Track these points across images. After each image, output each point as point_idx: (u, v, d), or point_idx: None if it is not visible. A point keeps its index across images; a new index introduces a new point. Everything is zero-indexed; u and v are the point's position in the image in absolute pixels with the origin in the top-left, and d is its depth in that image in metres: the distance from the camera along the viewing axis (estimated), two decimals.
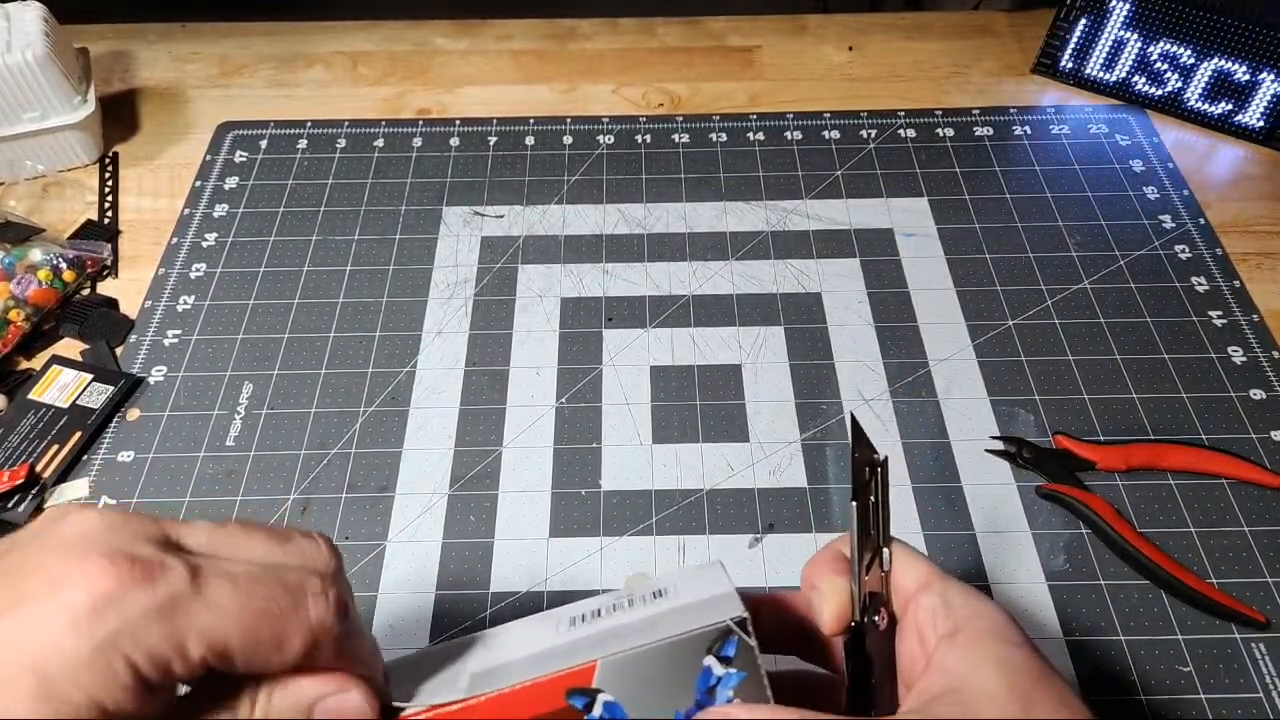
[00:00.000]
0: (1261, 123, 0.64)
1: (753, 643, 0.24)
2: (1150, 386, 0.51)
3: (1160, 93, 0.67)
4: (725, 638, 0.24)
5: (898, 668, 0.27)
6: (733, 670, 0.24)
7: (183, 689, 0.23)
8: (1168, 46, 0.65)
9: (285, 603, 0.22)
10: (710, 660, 0.24)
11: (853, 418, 0.30)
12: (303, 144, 0.67)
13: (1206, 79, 0.65)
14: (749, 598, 0.26)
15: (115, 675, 0.19)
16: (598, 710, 0.24)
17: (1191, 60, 0.64)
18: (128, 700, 0.20)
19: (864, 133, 0.67)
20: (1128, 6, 0.64)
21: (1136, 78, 0.67)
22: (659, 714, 0.24)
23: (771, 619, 0.29)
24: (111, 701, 0.19)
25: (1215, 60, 0.63)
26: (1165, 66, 0.66)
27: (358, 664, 0.24)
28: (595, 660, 0.24)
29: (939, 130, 0.67)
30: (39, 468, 0.48)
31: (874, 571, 0.27)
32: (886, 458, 0.28)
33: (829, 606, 0.27)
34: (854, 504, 0.27)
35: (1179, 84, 0.66)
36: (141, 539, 0.21)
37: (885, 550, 0.28)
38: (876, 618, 0.27)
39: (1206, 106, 0.66)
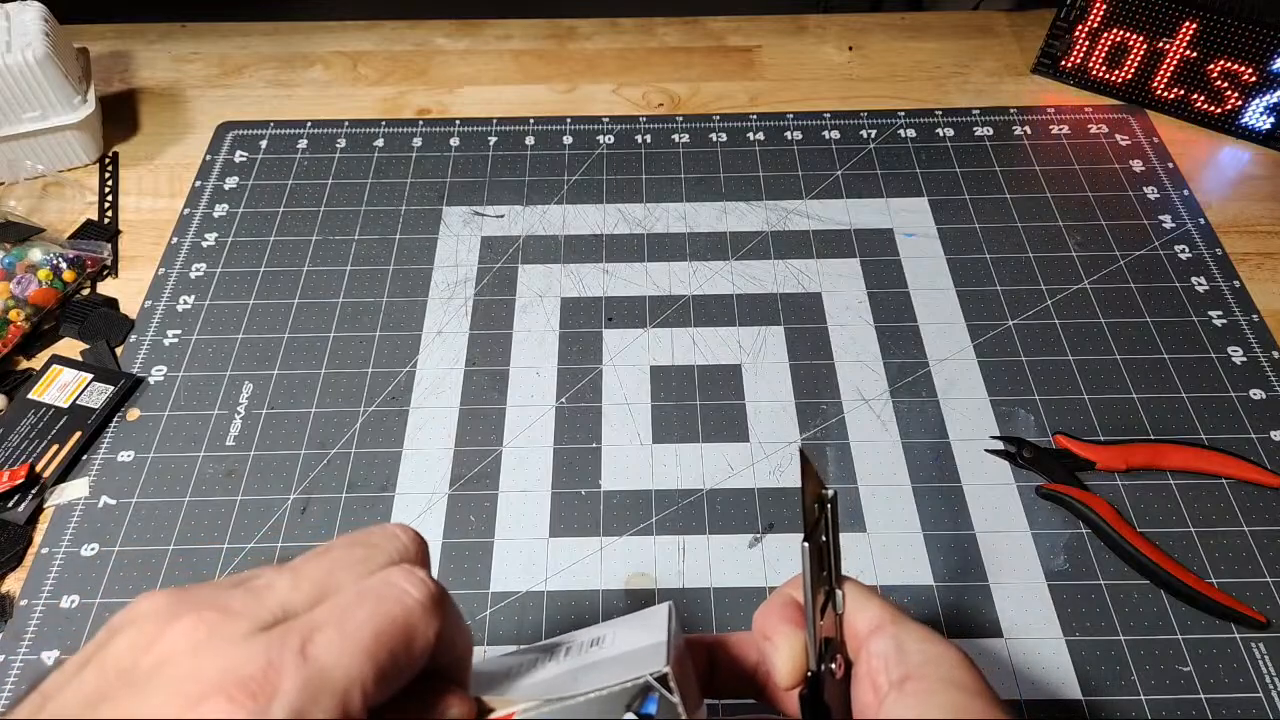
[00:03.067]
0: (1261, 123, 0.64)
1: (675, 699, 0.23)
2: (1150, 386, 0.51)
3: (1160, 93, 0.67)
4: (645, 694, 0.23)
5: (852, 716, 0.26)
6: None
7: None
8: (1168, 46, 0.65)
9: (393, 610, 0.20)
10: (630, 718, 0.23)
11: (802, 452, 0.28)
12: (303, 144, 0.67)
13: (1206, 79, 0.65)
14: (701, 641, 0.26)
15: None
16: None
17: (1192, 60, 0.64)
18: None
19: (864, 133, 0.67)
20: (1128, 6, 0.64)
21: (1137, 78, 0.67)
22: None
23: (726, 665, 0.28)
24: None
25: (1215, 60, 0.63)
26: (1166, 67, 0.66)
27: (461, 642, 0.23)
28: (512, 714, 0.23)
29: (939, 130, 0.67)
30: (39, 467, 0.48)
31: (828, 615, 0.26)
32: (835, 493, 0.27)
33: (782, 660, 0.26)
34: (806, 545, 0.25)
35: (1179, 84, 0.66)
36: (230, 640, 0.19)
37: (838, 591, 0.27)
38: (833, 665, 0.26)
39: (1207, 107, 0.66)
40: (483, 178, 0.64)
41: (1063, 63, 0.70)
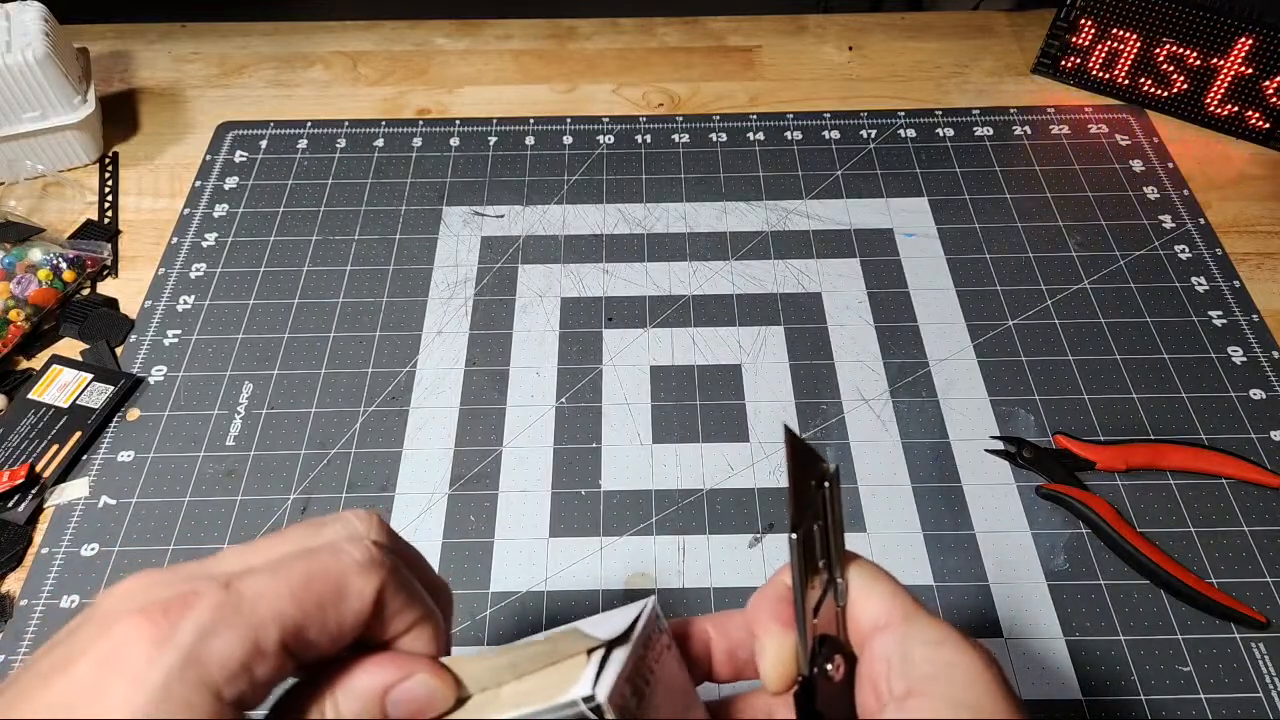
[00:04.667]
0: (1261, 122, 0.64)
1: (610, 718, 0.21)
2: (1150, 386, 0.51)
3: (1160, 93, 0.67)
4: None
5: (856, 717, 0.23)
6: None
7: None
8: (1168, 46, 0.65)
9: (327, 563, 0.21)
10: None
11: (787, 430, 0.24)
12: (303, 144, 0.67)
13: (1207, 79, 0.65)
14: (700, 628, 0.24)
15: (199, 707, 0.19)
16: None
17: (1192, 60, 0.64)
18: None
19: (864, 133, 0.67)
20: (1128, 6, 0.64)
21: (1136, 78, 0.67)
22: None
23: (726, 650, 0.26)
24: None
25: (1215, 60, 0.63)
26: (1165, 66, 0.66)
27: (428, 597, 0.23)
28: None
29: (939, 130, 0.67)
30: (39, 467, 0.48)
31: (827, 608, 0.24)
32: (837, 467, 0.24)
33: (768, 664, 0.24)
34: (793, 537, 0.22)
35: (1179, 84, 0.66)
36: (164, 585, 0.20)
37: (839, 581, 0.24)
38: (830, 666, 0.23)
39: (1207, 106, 0.66)
40: (483, 178, 0.64)
41: (1063, 63, 0.70)
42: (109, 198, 0.63)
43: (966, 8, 0.80)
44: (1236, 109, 0.65)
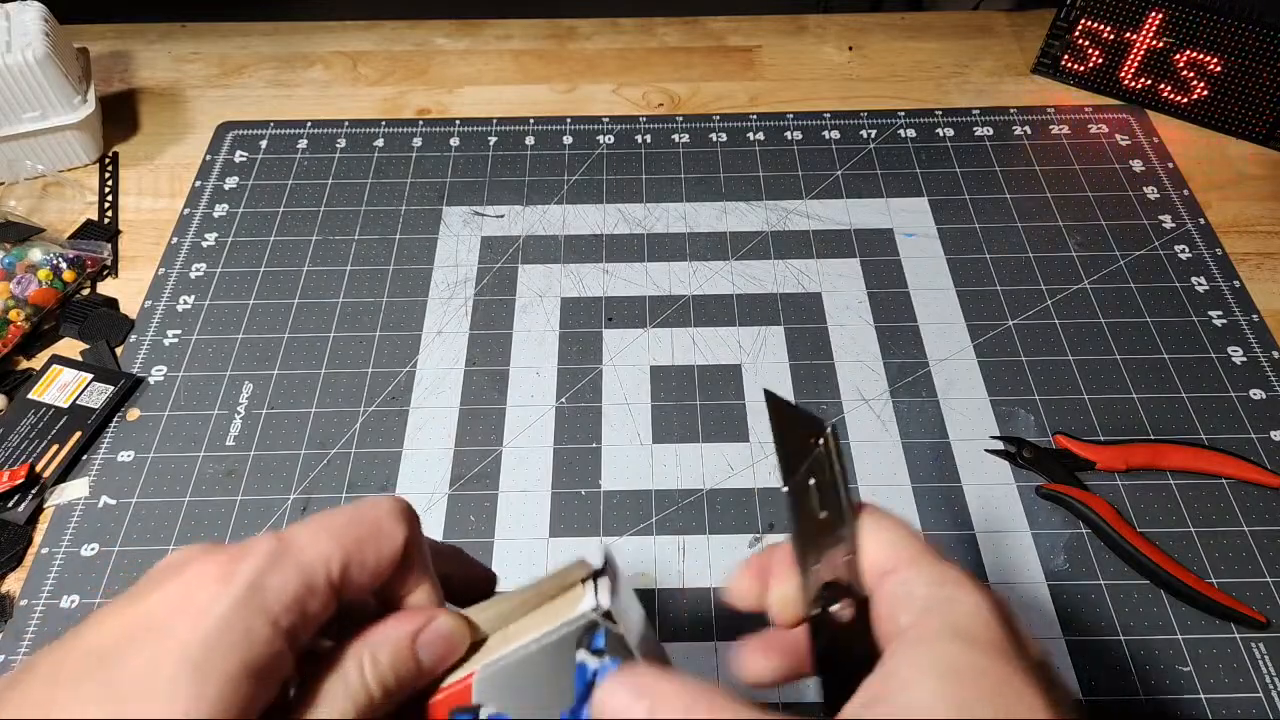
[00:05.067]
0: (1262, 123, 0.64)
1: (620, 630, 0.23)
2: (1150, 386, 0.51)
3: (1160, 93, 0.67)
4: (592, 631, 0.23)
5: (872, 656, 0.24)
6: (606, 660, 0.23)
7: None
8: (1168, 46, 0.65)
9: (365, 512, 0.24)
10: (583, 655, 0.23)
11: (767, 393, 0.26)
12: (303, 144, 0.67)
13: (1207, 79, 0.65)
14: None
15: (259, 636, 0.21)
16: None
17: (1192, 60, 0.64)
18: (278, 659, 0.21)
19: (864, 133, 0.67)
20: (1128, 6, 0.64)
21: (1137, 78, 0.67)
22: (545, 713, 0.23)
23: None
24: (262, 663, 0.21)
25: (1215, 60, 0.63)
26: (1166, 66, 0.66)
27: (444, 560, 0.27)
28: (472, 673, 0.24)
29: (939, 130, 0.67)
30: (39, 467, 0.48)
31: (836, 554, 0.24)
32: (833, 425, 0.25)
33: (774, 602, 0.25)
34: (787, 489, 0.24)
35: (1179, 84, 0.66)
36: (223, 546, 0.23)
37: (845, 530, 0.24)
38: (836, 607, 0.24)
39: (1207, 106, 0.66)
40: (483, 178, 0.64)
41: (1063, 63, 0.70)
42: (109, 198, 0.63)
43: (966, 8, 0.80)
44: (1236, 108, 0.65)
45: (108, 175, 0.65)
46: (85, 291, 0.57)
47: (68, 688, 0.20)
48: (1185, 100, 0.66)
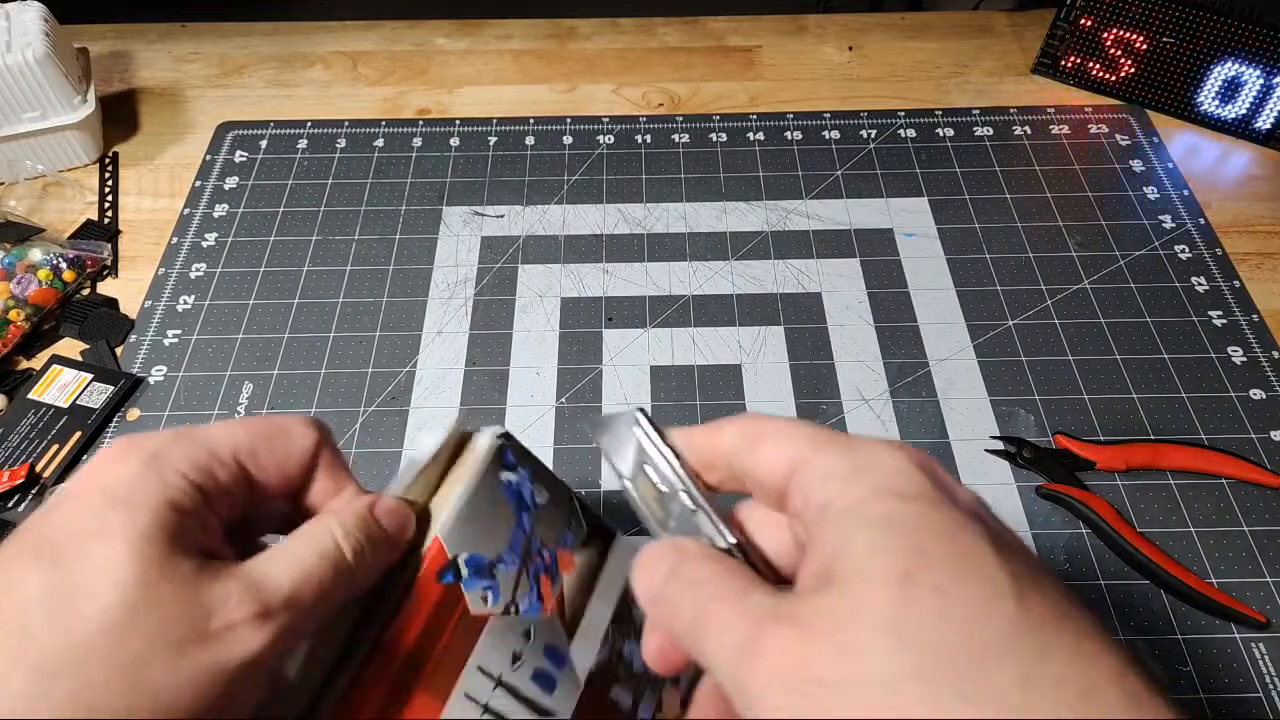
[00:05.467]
0: (1261, 123, 0.64)
1: (522, 444, 0.28)
2: (1150, 386, 0.51)
3: (1160, 93, 0.67)
4: (501, 453, 0.28)
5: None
6: (522, 470, 0.28)
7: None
8: (1168, 47, 0.65)
9: (274, 418, 0.26)
10: (505, 475, 0.28)
11: (595, 423, 0.25)
12: (303, 144, 0.67)
13: (1206, 79, 0.65)
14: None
15: (171, 480, 0.22)
16: (465, 570, 0.26)
17: (1192, 60, 0.64)
18: (194, 503, 0.22)
19: (864, 133, 0.67)
20: (1128, 6, 0.64)
21: (1137, 78, 0.67)
22: (502, 538, 0.27)
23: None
24: (179, 503, 0.22)
25: (1215, 60, 0.63)
26: (1166, 67, 0.66)
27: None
28: (435, 536, 0.26)
29: (939, 130, 0.67)
30: (39, 467, 0.48)
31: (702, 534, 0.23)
32: (640, 408, 0.25)
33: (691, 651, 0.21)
34: (626, 486, 0.24)
35: (1179, 84, 0.66)
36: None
37: (691, 502, 0.23)
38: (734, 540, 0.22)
39: (1207, 106, 0.66)
40: (483, 178, 0.64)
41: (1063, 63, 0.70)
42: (109, 198, 0.63)
43: (966, 8, 0.80)
44: (1237, 108, 0.65)
45: (108, 175, 0.65)
46: (85, 291, 0.57)
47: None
48: (1185, 100, 0.66)
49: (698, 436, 0.24)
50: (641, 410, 0.25)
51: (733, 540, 0.22)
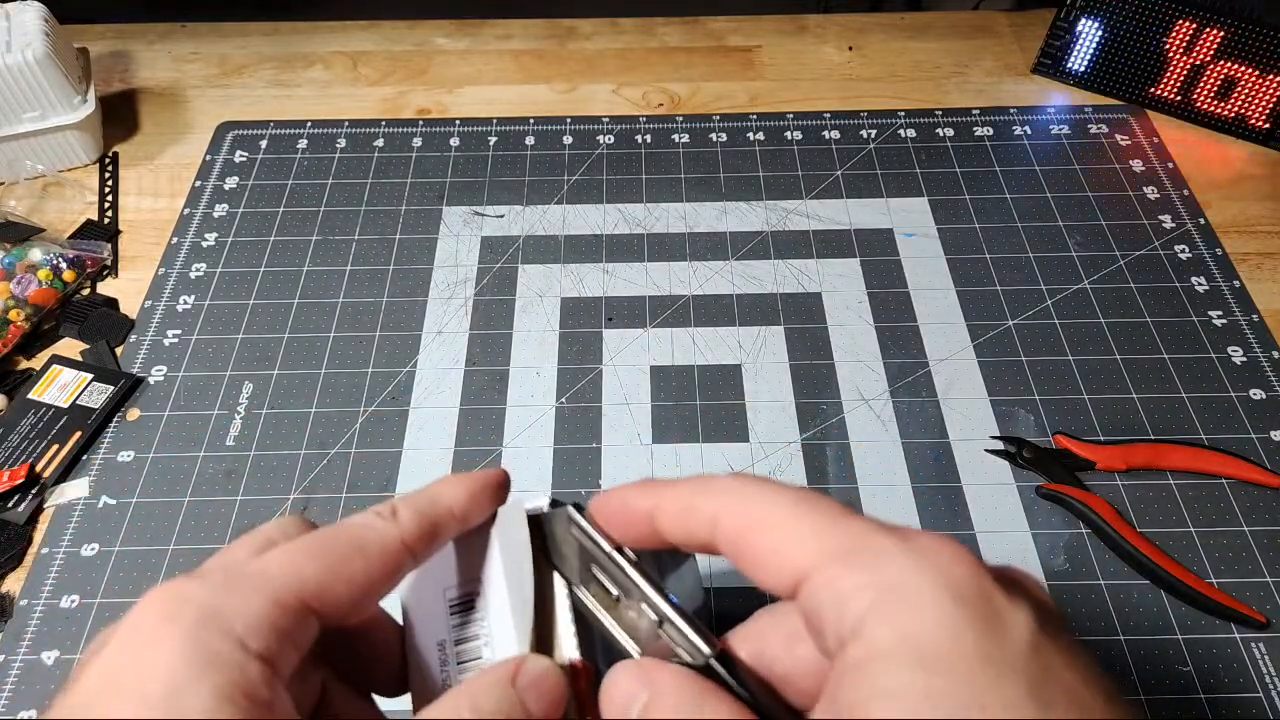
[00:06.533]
0: (1261, 123, 0.64)
1: (567, 508, 0.24)
2: (1150, 386, 0.51)
3: (1160, 93, 0.67)
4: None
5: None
6: (582, 520, 0.24)
7: None
8: (1168, 46, 0.65)
9: (341, 526, 0.21)
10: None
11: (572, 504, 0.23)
12: (303, 144, 0.67)
13: (1207, 79, 0.65)
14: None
15: (229, 660, 0.18)
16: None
17: (1192, 60, 0.64)
18: (258, 685, 0.18)
19: (864, 133, 0.67)
20: (1128, 6, 0.64)
21: (1137, 78, 0.67)
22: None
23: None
24: (239, 689, 0.18)
25: (1215, 60, 0.63)
26: (1165, 66, 0.66)
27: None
28: (584, 665, 0.23)
29: (939, 130, 0.67)
30: (39, 467, 0.48)
31: (652, 638, 0.21)
32: (574, 503, 0.23)
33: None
34: (579, 591, 0.22)
35: (1179, 84, 0.66)
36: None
37: (652, 602, 0.21)
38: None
39: (1207, 106, 0.66)
40: (483, 178, 0.64)
41: (1063, 63, 0.70)
42: (109, 198, 0.63)
43: (966, 8, 0.80)
44: (1237, 109, 0.65)
45: (108, 175, 0.65)
46: (85, 291, 0.57)
47: None
48: (1185, 100, 0.66)
49: (669, 518, 0.21)
50: (576, 505, 0.23)
51: (709, 652, 0.20)
